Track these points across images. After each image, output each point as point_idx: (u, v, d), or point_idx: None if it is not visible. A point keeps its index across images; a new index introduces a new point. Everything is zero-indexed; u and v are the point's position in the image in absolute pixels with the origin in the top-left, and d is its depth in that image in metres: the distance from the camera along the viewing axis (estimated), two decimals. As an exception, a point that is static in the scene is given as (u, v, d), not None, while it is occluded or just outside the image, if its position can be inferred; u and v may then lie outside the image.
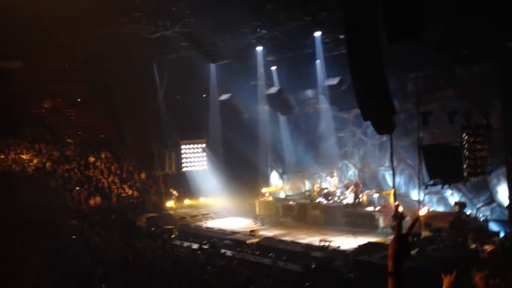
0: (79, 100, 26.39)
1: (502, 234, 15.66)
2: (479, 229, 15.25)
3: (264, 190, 24.25)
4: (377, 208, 18.49)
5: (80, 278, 13.35)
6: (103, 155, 24.88)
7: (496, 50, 15.89)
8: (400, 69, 17.90)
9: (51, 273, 14.34)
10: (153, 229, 21.03)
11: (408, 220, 16.26)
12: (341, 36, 17.36)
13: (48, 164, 22.79)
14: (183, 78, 24.47)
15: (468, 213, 16.51)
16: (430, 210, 18.22)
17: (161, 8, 18.00)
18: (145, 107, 24.97)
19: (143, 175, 25.37)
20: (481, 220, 16.10)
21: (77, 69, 25.20)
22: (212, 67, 24.16)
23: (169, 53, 23.34)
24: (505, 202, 16.69)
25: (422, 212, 17.10)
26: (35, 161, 22.56)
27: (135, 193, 24.15)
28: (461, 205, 16.62)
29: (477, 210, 16.90)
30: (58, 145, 24.20)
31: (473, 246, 14.25)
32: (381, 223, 17.53)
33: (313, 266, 14.43)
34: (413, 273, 12.00)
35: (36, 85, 24.28)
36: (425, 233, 14.27)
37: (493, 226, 16.42)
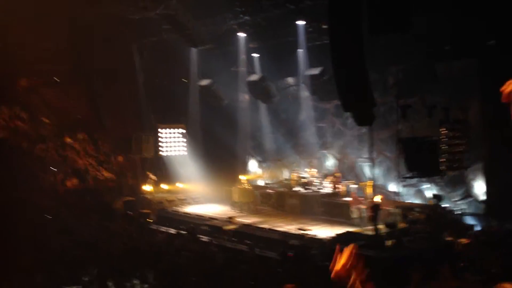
0: (57, 80, 25.88)
1: (477, 228, 15.99)
2: (455, 222, 15.53)
3: (242, 177, 24.25)
4: (348, 199, 18.62)
5: (53, 259, 13.23)
6: (80, 137, 24.52)
7: (477, 47, 16.10)
8: (381, 61, 18.04)
9: (24, 254, 14.18)
10: (129, 212, 20.88)
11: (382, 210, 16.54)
12: (324, 26, 17.36)
13: (24, 143, 22.37)
14: (163, 62, 24.23)
15: (444, 206, 16.79)
16: (407, 202, 18.51)
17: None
18: (123, 89, 24.66)
19: (120, 158, 25.10)
20: (457, 213, 16.39)
21: (56, 50, 24.68)
22: (193, 51, 23.98)
23: (149, 36, 23.06)
24: (481, 196, 17.02)
25: (376, 199, 17.46)
26: (11, 140, 22.11)
27: (112, 176, 23.90)
28: (438, 198, 16.89)
29: (453, 204, 17.21)
30: (34, 125, 23.75)
31: (448, 239, 14.52)
32: (354, 214, 17.68)
33: (290, 254, 14.53)
34: (388, 262, 12.22)
35: (13, 64, 23.71)
36: (401, 225, 14.47)
37: (469, 220, 16.75)
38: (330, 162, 22.79)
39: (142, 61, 25.04)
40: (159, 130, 25.89)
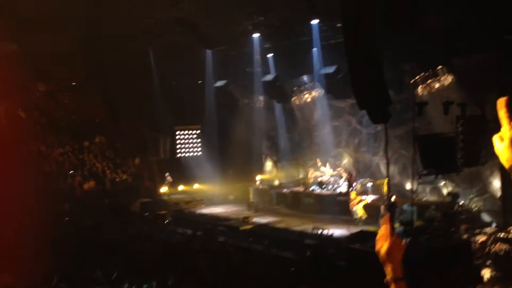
0: (73, 84, 26.21)
1: (494, 225, 15.76)
2: (472, 219, 15.34)
3: (258, 177, 24.27)
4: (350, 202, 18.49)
5: (73, 262, 13.38)
6: (97, 140, 24.80)
7: (494, 41, 15.87)
8: (396, 59, 17.87)
9: (43, 256, 14.35)
10: (146, 214, 21.04)
11: (398, 208, 16.42)
12: (339, 25, 17.27)
13: (42, 148, 22.70)
14: (179, 63, 24.31)
15: (461, 203, 16.59)
16: (423, 199, 18.34)
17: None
18: (140, 92, 24.84)
19: (137, 160, 25.32)
20: (474, 210, 16.19)
21: (72, 53, 24.97)
22: (208, 53, 24.05)
23: (165, 38, 23.18)
24: (498, 193, 16.77)
25: (369, 198, 17.39)
26: (30, 145, 22.45)
27: (129, 178, 24.11)
28: (454, 195, 16.69)
29: (469, 201, 16.99)
30: (52, 129, 24.08)
31: (465, 236, 14.35)
32: (355, 214, 17.55)
33: (308, 254, 14.49)
34: (405, 261, 12.10)
35: (30, 68, 24.05)
36: (417, 223, 14.34)
37: (485, 217, 16.52)
38: (346, 161, 22.66)
39: (158, 63, 25.18)
40: (176, 131, 26.04)
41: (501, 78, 15.92)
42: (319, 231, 16.44)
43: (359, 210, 17.35)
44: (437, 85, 18.38)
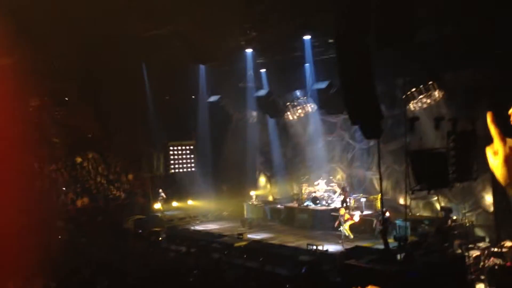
0: (66, 99, 26.14)
1: (487, 240, 15.82)
2: (465, 234, 15.40)
3: (252, 193, 24.25)
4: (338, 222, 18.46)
5: (67, 279, 13.28)
6: (90, 156, 24.73)
7: (486, 56, 16.05)
8: (388, 74, 18.01)
9: (37, 275, 14.26)
10: (140, 231, 20.93)
11: (394, 223, 16.45)
12: (331, 40, 17.43)
13: (34, 164, 22.58)
14: (172, 79, 24.37)
15: (454, 218, 16.65)
16: (417, 214, 18.40)
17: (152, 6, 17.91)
18: (133, 107, 24.83)
19: (130, 177, 25.25)
20: (467, 225, 16.25)
21: (65, 68, 24.96)
22: (202, 68, 24.16)
23: (158, 53, 23.24)
24: (490, 207, 16.85)
25: (356, 217, 17.40)
26: (23, 161, 22.32)
27: (122, 195, 24.03)
28: (447, 210, 16.76)
29: (462, 216, 17.06)
30: (45, 144, 23.97)
31: (459, 251, 14.39)
32: (345, 232, 17.51)
33: (303, 270, 14.45)
34: (399, 277, 12.12)
35: (23, 82, 23.98)
36: (411, 238, 14.38)
37: (479, 232, 16.58)
38: (339, 176, 22.71)
39: (151, 78, 25.21)
40: (169, 147, 26.02)
41: (492, 93, 16.09)
42: (314, 247, 16.43)
43: (345, 230, 17.32)
44: (428, 100, 18.54)
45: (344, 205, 19.95)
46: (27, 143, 23.21)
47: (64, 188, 22.31)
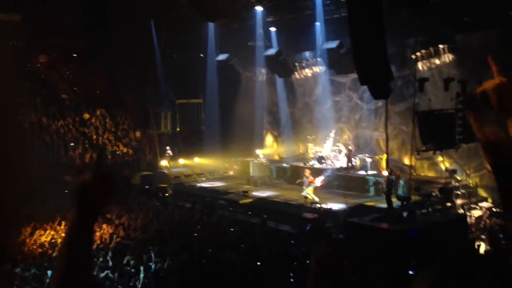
0: (75, 55, 26.11)
1: (489, 200, 15.88)
2: (468, 195, 15.44)
3: (258, 151, 24.35)
4: (300, 180, 18.45)
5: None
6: (98, 112, 24.84)
7: (498, 18, 15.74)
8: (399, 34, 17.75)
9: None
10: (147, 187, 21.19)
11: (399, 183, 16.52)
12: (342, -1, 17.13)
13: (43, 119, 22.76)
14: (181, 37, 24.20)
15: (458, 179, 16.68)
16: (422, 175, 18.45)
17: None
18: (141, 65, 24.77)
19: (138, 134, 25.40)
20: (471, 186, 16.29)
21: (74, 25, 24.81)
22: (210, 26, 23.92)
23: (167, 11, 23.02)
24: (495, 168, 16.76)
25: (317, 182, 17.41)
26: (31, 115, 22.50)
27: (130, 151, 24.23)
28: (451, 171, 16.77)
29: (466, 176, 17.07)
30: (53, 101, 24.10)
31: (461, 211, 14.47)
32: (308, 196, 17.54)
33: (307, 228, 14.63)
34: (401, 235, 12.26)
35: (32, 39, 23.96)
36: (415, 198, 14.45)
37: (482, 192, 16.63)
38: (346, 136, 22.69)
39: (160, 36, 25.05)
40: (177, 105, 26.05)
41: (502, 55, 15.84)
42: (318, 205, 16.59)
43: (308, 193, 17.35)
44: (438, 62, 18.32)
45: (350, 165, 20.03)
46: (35, 98, 23.39)
47: (72, 144, 22.49)
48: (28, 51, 24.31)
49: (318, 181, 17.85)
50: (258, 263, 11.28)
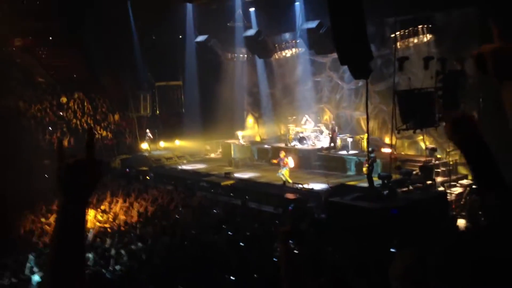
0: (51, 38, 25.57)
1: (469, 177, 16.07)
2: (448, 172, 15.61)
3: (239, 133, 24.28)
4: (275, 160, 18.61)
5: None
6: (76, 96, 24.45)
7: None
8: (378, 13, 17.70)
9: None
10: (127, 170, 21.01)
11: (379, 162, 16.62)
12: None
13: (20, 103, 22.32)
14: (159, 18, 23.82)
15: (438, 157, 16.83)
16: (402, 153, 18.59)
17: None
18: (119, 47, 24.36)
19: (117, 117, 25.11)
20: (451, 163, 16.45)
21: (49, 7, 24.26)
22: (189, 7, 23.60)
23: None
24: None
25: (291, 164, 17.57)
26: (7, 100, 22.04)
27: (109, 135, 23.94)
28: (431, 149, 16.91)
29: (446, 154, 17.24)
30: (30, 85, 23.63)
31: (441, 189, 14.63)
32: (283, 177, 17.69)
33: (290, 208, 14.67)
34: (382, 213, 12.35)
35: (6, 22, 23.37)
36: (395, 176, 14.55)
37: (462, 170, 16.82)
38: (327, 116, 22.72)
39: (137, 18, 24.64)
40: (156, 87, 25.77)
41: (481, 33, 15.91)
42: (300, 186, 16.62)
43: (283, 175, 17.47)
44: (417, 41, 18.36)
45: (332, 144, 20.07)
46: (10, 82, 22.90)
47: (50, 128, 22.14)
48: (3, 35, 23.75)
49: (291, 162, 17.93)
50: (241, 244, 11.30)
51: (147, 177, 20.70)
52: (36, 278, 9.89)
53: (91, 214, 14.46)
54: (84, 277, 1.59)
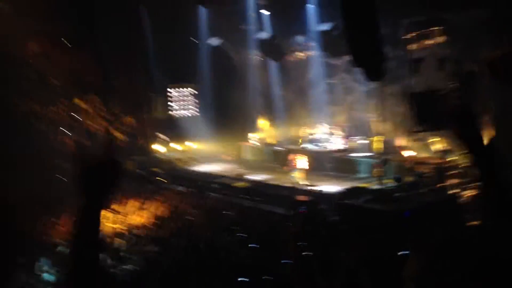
0: (65, 41, 25.76)
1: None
2: (461, 175, 15.48)
3: (252, 135, 24.29)
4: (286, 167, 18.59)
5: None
6: (90, 98, 24.61)
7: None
8: (392, 14, 17.64)
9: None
10: (140, 171, 21.11)
11: (392, 164, 16.55)
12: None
13: (35, 106, 22.52)
14: (173, 21, 23.95)
15: (450, 159, 16.71)
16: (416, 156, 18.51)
17: None
18: (133, 49, 24.52)
19: (130, 119, 25.22)
20: (463, 166, 16.30)
21: (63, 9, 24.47)
22: (202, 10, 23.71)
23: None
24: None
25: (303, 164, 17.48)
26: (23, 104, 22.27)
27: (122, 136, 24.06)
28: (444, 152, 16.80)
29: (459, 157, 17.08)
30: (45, 87, 23.82)
31: (454, 191, 14.51)
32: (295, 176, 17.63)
33: (302, 210, 14.63)
34: (394, 216, 12.27)
35: (21, 25, 23.62)
36: (408, 178, 14.47)
37: (474, 172, 16.68)
38: (341, 118, 22.65)
39: (151, 21, 24.79)
40: (170, 90, 25.89)
41: (495, 33, 15.78)
42: (312, 188, 16.59)
43: (295, 176, 17.39)
44: (431, 42, 18.25)
45: (345, 146, 20.02)
46: (26, 85, 23.14)
47: (64, 130, 22.32)
48: (18, 38, 23.98)
49: (303, 163, 17.89)
50: (253, 245, 11.29)
51: (160, 178, 20.78)
52: (51, 277, 9.99)
53: (103, 215, 14.52)
54: (99, 276, 1.62)
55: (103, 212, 1.67)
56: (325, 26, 20.58)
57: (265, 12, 23.31)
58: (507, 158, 1.62)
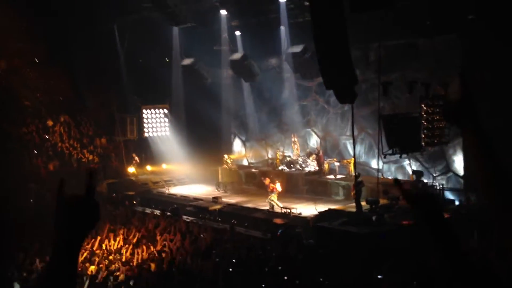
0: (37, 60, 25.45)
1: (457, 203, 16.22)
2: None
3: (226, 157, 24.27)
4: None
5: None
6: (62, 119, 24.29)
7: (458, 22, 16.13)
8: (362, 38, 17.98)
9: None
10: (113, 195, 20.83)
11: (367, 187, 16.71)
12: (306, 3, 17.24)
13: (5, 125, 22.08)
14: (145, 41, 23.91)
15: (425, 181, 16.99)
16: (389, 178, 18.73)
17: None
18: (105, 70, 24.35)
19: (103, 140, 24.95)
20: (437, 188, 16.61)
21: (35, 28, 24.17)
22: (175, 30, 23.72)
23: (130, 14, 22.72)
24: (461, 171, 17.22)
25: (278, 187, 17.63)
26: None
27: (96, 159, 23.77)
28: (418, 174, 17.07)
29: (433, 179, 17.42)
30: (15, 107, 23.41)
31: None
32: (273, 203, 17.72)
33: (279, 233, 14.64)
34: (370, 238, 12.40)
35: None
36: (383, 201, 14.65)
37: (449, 195, 16.99)
38: (314, 140, 22.86)
39: (124, 40, 24.70)
40: (143, 110, 25.73)
41: (464, 58, 16.24)
42: (288, 210, 16.63)
43: (272, 200, 17.46)
44: (400, 65, 18.64)
45: (320, 169, 20.14)
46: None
47: (35, 151, 21.92)
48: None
49: (278, 186, 17.90)
50: (230, 270, 11.22)
51: (134, 201, 20.54)
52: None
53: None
54: None
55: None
56: (297, 48, 20.80)
57: (238, 33, 23.47)
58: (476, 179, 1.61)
